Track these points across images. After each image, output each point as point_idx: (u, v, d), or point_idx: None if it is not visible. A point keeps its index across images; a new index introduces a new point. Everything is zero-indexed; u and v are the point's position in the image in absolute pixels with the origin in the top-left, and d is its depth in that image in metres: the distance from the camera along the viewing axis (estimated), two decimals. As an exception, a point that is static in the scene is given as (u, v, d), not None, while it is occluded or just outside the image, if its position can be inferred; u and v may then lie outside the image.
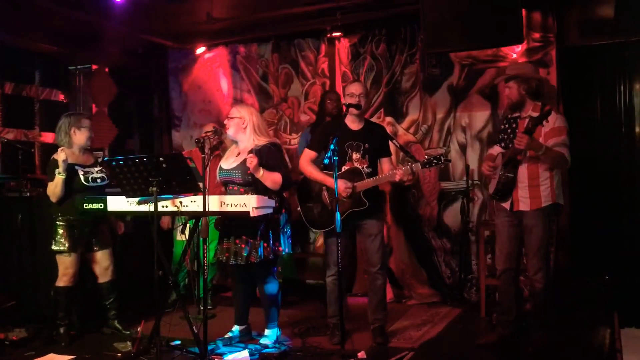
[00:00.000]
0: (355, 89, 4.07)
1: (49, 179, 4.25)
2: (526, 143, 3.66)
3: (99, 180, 4.37)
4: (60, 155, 4.15)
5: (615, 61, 5.10)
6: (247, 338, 4.24)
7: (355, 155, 4.05)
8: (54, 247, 4.24)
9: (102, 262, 4.43)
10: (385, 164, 4.12)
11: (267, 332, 4.16)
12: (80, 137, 4.33)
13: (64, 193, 4.20)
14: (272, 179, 3.89)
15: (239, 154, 4.04)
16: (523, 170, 3.82)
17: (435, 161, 3.82)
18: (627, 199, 5.04)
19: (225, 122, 4.10)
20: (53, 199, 4.22)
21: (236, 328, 4.26)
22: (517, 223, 3.90)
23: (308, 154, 4.20)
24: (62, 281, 4.29)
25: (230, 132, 4.05)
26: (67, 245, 4.23)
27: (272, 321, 4.15)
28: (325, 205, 4.10)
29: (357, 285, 5.66)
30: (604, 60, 5.12)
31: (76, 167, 4.28)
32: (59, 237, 4.25)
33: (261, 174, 3.84)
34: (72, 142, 4.33)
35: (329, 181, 4.00)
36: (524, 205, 3.81)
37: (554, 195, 3.79)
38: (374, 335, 4.12)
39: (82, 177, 4.28)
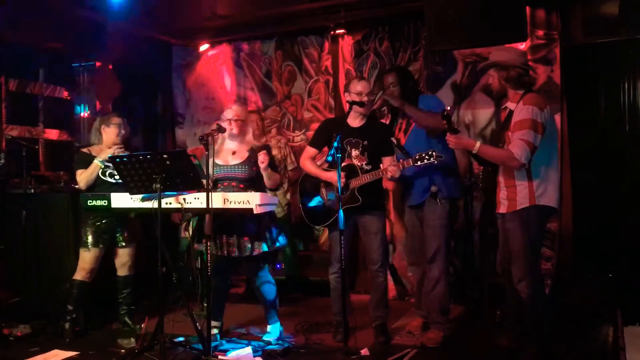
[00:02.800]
0: (362, 87, 4.10)
1: (76, 168, 4.41)
2: (453, 143, 3.58)
3: (116, 177, 4.37)
4: (108, 151, 4.33)
5: (620, 59, 5.09)
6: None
7: (354, 152, 4.07)
8: (80, 245, 4.37)
9: (123, 257, 4.51)
10: (386, 162, 4.05)
11: (269, 328, 4.18)
12: (109, 133, 4.46)
13: (94, 181, 4.34)
14: (274, 178, 4.07)
15: (234, 152, 4.12)
16: (500, 170, 3.59)
17: (426, 157, 3.74)
18: (631, 197, 5.02)
19: (227, 123, 4.10)
20: (83, 184, 4.34)
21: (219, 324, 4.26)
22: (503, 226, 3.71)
23: (309, 151, 4.26)
24: (78, 275, 4.36)
25: (234, 132, 4.11)
26: (88, 241, 4.34)
27: (274, 316, 4.18)
28: (323, 201, 4.14)
29: (359, 283, 5.67)
30: (608, 57, 5.11)
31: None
32: (84, 233, 4.37)
33: (269, 172, 3.99)
34: (102, 140, 4.50)
35: (324, 175, 4.09)
36: (503, 207, 3.59)
37: (532, 197, 3.44)
38: (376, 334, 4.13)
39: (99, 171, 4.36)
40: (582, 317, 4.41)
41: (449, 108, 3.68)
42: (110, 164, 4.33)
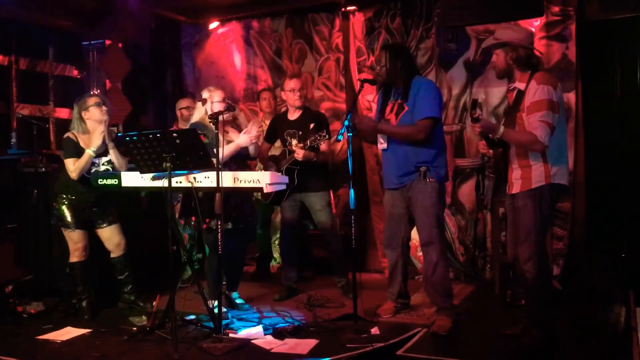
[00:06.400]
0: (294, 84, 4.66)
1: (66, 156, 4.28)
2: (479, 131, 3.50)
3: (105, 165, 4.38)
4: (97, 142, 4.25)
5: (637, 35, 4.97)
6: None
7: (294, 142, 4.53)
8: (60, 223, 4.32)
9: (113, 238, 4.46)
10: (322, 146, 4.56)
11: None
12: (92, 115, 4.31)
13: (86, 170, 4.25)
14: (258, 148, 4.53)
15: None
16: (512, 151, 3.50)
17: (319, 138, 4.34)
18: (646, 177, 4.96)
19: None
20: (76, 174, 4.24)
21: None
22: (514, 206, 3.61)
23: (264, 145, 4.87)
24: (74, 256, 4.35)
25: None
26: (69, 221, 4.30)
27: None
28: None
29: (370, 262, 5.70)
30: (625, 34, 5.00)
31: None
32: (62, 214, 4.31)
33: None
34: (86, 128, 4.34)
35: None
36: (515, 187, 3.50)
37: (548, 175, 3.39)
38: (345, 293, 4.63)
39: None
40: (594, 297, 4.39)
41: (477, 98, 3.72)
42: (96, 161, 4.31)
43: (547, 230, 3.66)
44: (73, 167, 4.24)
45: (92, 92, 4.54)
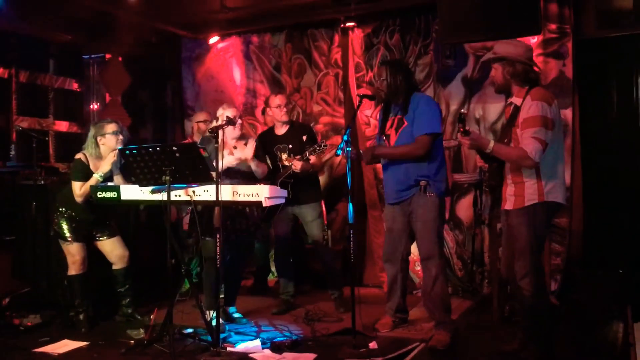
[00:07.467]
0: (280, 100, 4.74)
1: (74, 178, 4.27)
2: (468, 145, 3.46)
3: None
4: (106, 167, 4.22)
5: (633, 53, 5.03)
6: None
7: (284, 156, 4.63)
8: (58, 236, 4.34)
9: (115, 250, 4.46)
10: (311, 159, 4.56)
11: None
12: (107, 142, 4.31)
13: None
14: (262, 167, 4.43)
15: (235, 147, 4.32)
16: (507, 166, 3.48)
17: (317, 149, 4.39)
18: (642, 193, 4.98)
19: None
20: (81, 199, 4.26)
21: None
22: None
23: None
24: (72, 269, 4.35)
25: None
26: (67, 235, 4.31)
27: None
28: None
29: (367, 277, 5.69)
30: (622, 52, 5.05)
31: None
32: (61, 227, 4.32)
33: (256, 161, 4.39)
34: (100, 153, 4.33)
35: None
36: (509, 203, 3.46)
37: (541, 193, 3.35)
38: (337, 306, 4.66)
39: None
40: (592, 313, 4.39)
41: (465, 111, 3.69)
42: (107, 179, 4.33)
43: (542, 247, 3.63)
44: (80, 191, 4.25)
45: (109, 120, 4.44)
